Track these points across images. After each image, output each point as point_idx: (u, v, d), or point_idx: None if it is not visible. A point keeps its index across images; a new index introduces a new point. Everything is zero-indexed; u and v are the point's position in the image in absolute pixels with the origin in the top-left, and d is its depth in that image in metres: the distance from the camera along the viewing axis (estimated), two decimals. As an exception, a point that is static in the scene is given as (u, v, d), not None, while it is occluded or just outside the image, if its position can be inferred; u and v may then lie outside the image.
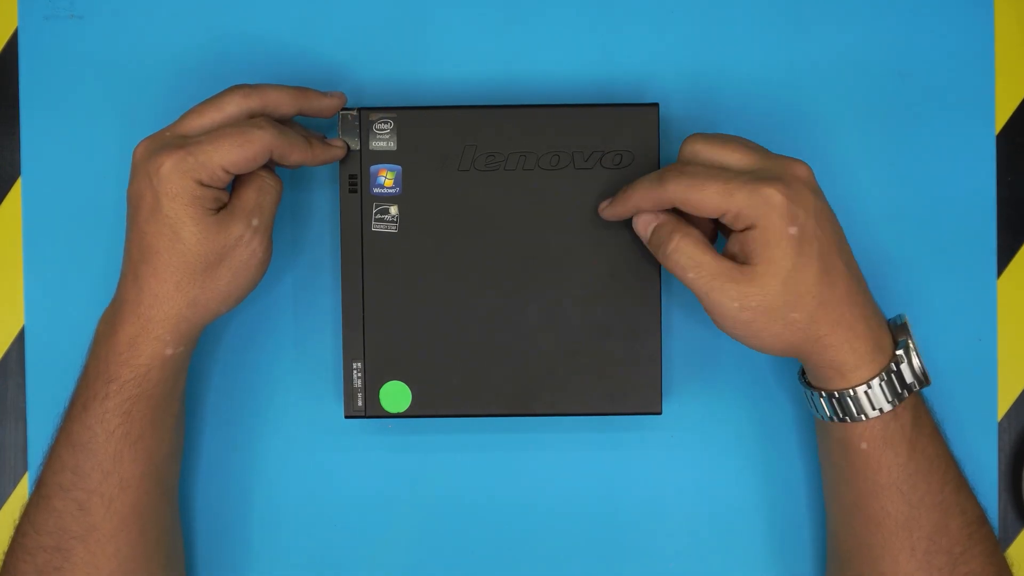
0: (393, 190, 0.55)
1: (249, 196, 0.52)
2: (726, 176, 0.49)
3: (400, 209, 0.55)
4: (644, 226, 0.53)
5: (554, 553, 0.59)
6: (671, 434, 0.59)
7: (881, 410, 0.51)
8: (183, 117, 0.52)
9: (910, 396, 0.51)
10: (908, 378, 0.51)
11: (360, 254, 0.56)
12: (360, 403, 0.56)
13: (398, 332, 0.56)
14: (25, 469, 0.59)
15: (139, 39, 0.59)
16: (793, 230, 0.49)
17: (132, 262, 0.51)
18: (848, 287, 0.50)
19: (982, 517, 0.53)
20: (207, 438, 0.59)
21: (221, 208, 0.51)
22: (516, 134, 0.55)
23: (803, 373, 0.55)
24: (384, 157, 0.55)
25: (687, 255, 0.50)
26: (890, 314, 0.55)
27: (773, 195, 0.49)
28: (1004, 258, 0.60)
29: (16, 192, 0.59)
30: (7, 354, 0.59)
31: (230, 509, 0.59)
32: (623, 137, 0.55)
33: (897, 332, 0.52)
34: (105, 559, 0.52)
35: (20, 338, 0.59)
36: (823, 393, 0.52)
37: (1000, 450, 0.59)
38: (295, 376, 0.59)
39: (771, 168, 0.50)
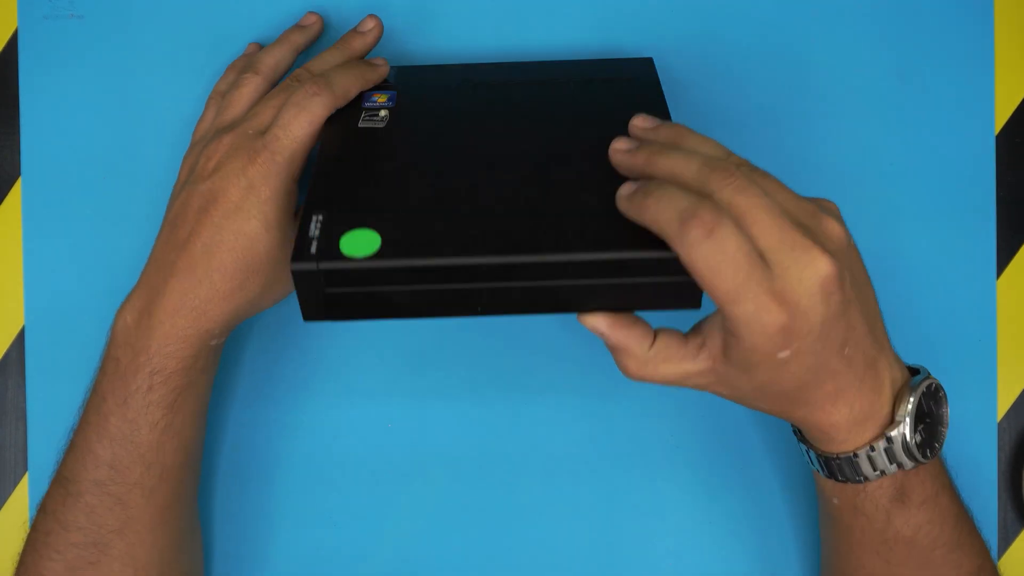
0: (386, 104, 0.54)
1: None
2: (744, 272, 0.40)
3: (391, 113, 0.53)
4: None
5: (549, 525, 0.59)
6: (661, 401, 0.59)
7: (850, 481, 0.47)
8: (254, 110, 0.52)
9: (892, 473, 0.47)
10: (893, 459, 0.46)
11: (342, 143, 0.50)
12: (312, 249, 0.44)
13: (374, 185, 0.47)
14: (25, 469, 0.59)
15: (139, 39, 0.59)
16: (784, 354, 0.42)
17: (192, 255, 0.50)
18: (839, 382, 0.45)
19: (979, 568, 0.50)
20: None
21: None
22: (515, 75, 0.55)
23: None
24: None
25: (663, 371, 0.46)
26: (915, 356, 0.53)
27: (772, 321, 0.41)
28: (1004, 258, 0.60)
29: (16, 192, 0.59)
30: (7, 354, 0.59)
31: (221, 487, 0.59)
32: (624, 75, 0.54)
33: (901, 398, 0.46)
34: (144, 550, 0.51)
35: (20, 338, 0.59)
36: (803, 443, 0.49)
37: (1000, 450, 0.59)
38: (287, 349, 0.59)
39: (793, 261, 0.41)
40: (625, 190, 0.44)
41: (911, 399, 0.46)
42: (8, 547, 0.58)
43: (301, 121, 0.51)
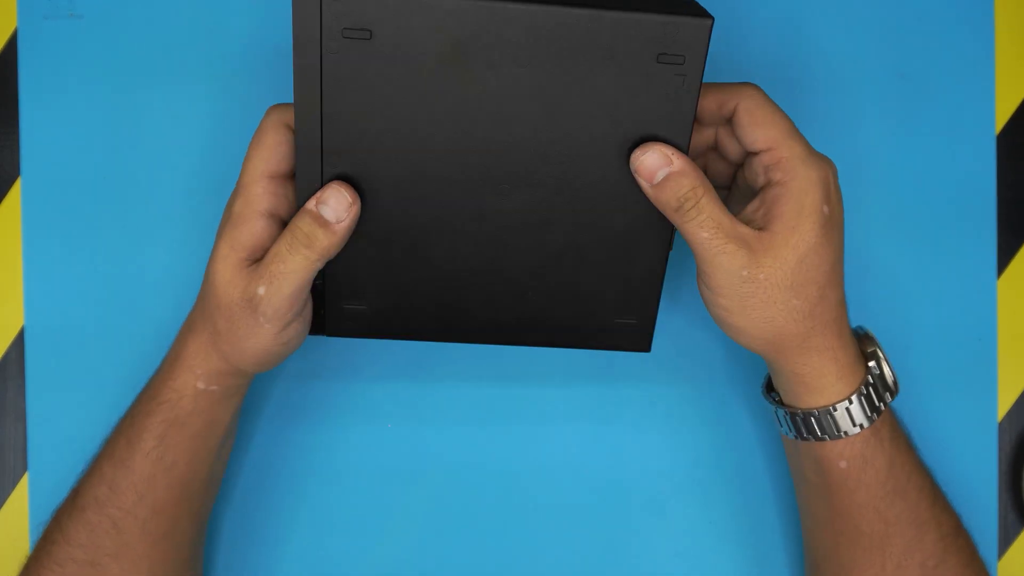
0: None
1: (271, 254, 0.46)
2: (791, 127, 0.47)
3: None
4: (652, 169, 0.45)
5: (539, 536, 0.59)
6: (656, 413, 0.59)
7: (862, 426, 0.48)
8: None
9: (885, 409, 0.49)
10: (882, 390, 0.49)
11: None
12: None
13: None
14: (25, 469, 0.59)
15: (139, 39, 0.59)
16: (826, 209, 0.46)
17: (200, 291, 0.50)
18: (840, 294, 0.48)
19: (958, 527, 0.51)
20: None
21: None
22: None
23: (768, 388, 0.52)
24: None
25: (708, 214, 0.45)
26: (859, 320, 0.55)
27: (823, 167, 0.46)
28: (1004, 258, 0.60)
29: (16, 192, 0.59)
30: (7, 354, 0.59)
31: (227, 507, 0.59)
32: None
33: (864, 343, 0.50)
34: None
35: (20, 338, 0.59)
36: (793, 412, 0.49)
37: (1000, 450, 0.59)
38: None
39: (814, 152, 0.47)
40: None
41: (873, 336, 0.50)
42: (9, 547, 0.58)
43: (252, 153, 0.47)
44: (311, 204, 0.46)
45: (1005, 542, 0.59)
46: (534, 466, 0.59)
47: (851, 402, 0.48)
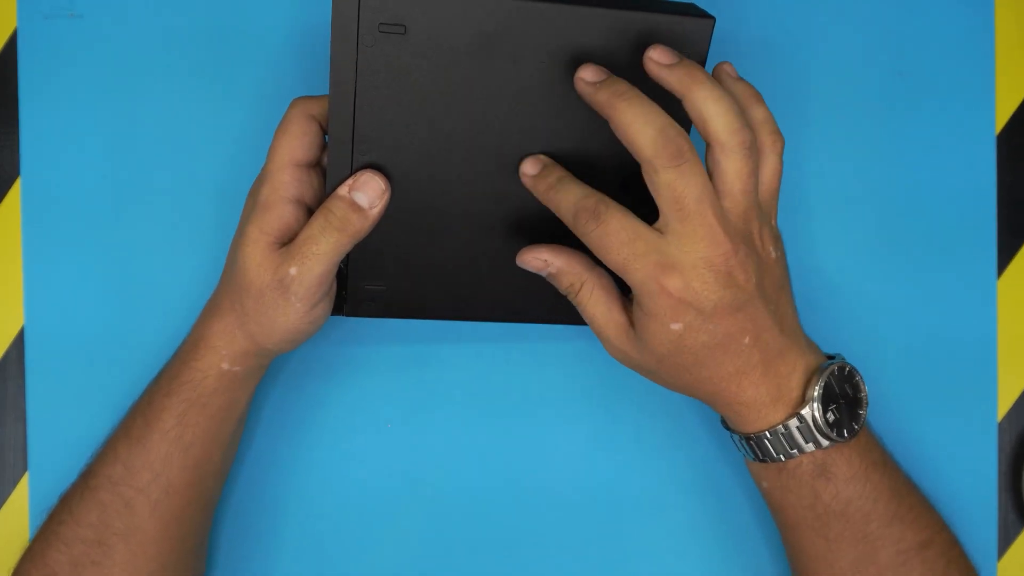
0: None
1: (303, 235, 0.48)
2: (634, 248, 0.45)
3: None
4: (536, 270, 0.50)
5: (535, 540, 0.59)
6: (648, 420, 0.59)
7: (770, 459, 0.49)
8: None
9: (809, 452, 0.48)
10: (809, 437, 0.48)
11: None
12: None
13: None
14: (25, 469, 0.59)
15: (139, 39, 0.59)
16: (676, 326, 0.46)
17: (223, 274, 0.52)
18: (738, 365, 0.47)
19: (927, 541, 0.50)
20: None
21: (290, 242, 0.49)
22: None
23: None
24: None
25: (585, 306, 0.49)
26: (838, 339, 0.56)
27: (662, 291, 0.45)
28: (1004, 258, 0.60)
29: (16, 192, 0.59)
30: (7, 354, 0.59)
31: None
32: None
33: (811, 381, 0.48)
34: (145, 560, 0.51)
35: (20, 338, 0.59)
36: (725, 425, 0.51)
37: (1000, 450, 0.59)
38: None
39: (691, 243, 0.45)
40: (530, 168, 0.49)
41: (819, 381, 0.48)
42: (8, 548, 0.58)
43: (278, 142, 0.49)
44: (344, 190, 0.48)
45: (1005, 542, 0.59)
46: (534, 466, 0.59)
47: (753, 438, 0.49)
